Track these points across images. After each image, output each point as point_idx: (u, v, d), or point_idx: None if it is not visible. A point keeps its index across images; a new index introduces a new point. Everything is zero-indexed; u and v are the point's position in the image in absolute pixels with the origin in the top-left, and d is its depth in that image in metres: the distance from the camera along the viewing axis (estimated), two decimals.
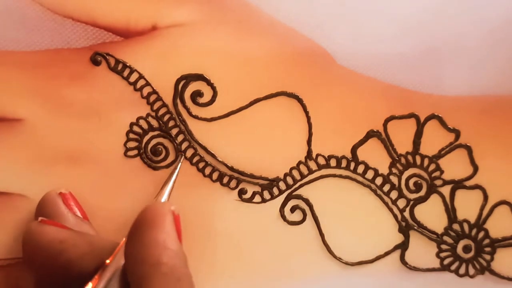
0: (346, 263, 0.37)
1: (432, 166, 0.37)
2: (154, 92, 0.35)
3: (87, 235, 0.30)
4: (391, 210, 0.37)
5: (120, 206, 0.35)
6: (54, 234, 0.29)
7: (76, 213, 0.32)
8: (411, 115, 0.37)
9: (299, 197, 0.37)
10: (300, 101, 0.36)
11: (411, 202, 0.37)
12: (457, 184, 0.37)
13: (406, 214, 0.37)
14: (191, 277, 0.27)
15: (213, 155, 0.35)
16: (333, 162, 0.37)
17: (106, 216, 0.35)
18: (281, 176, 0.36)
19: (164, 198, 0.32)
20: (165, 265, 0.26)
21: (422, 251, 0.38)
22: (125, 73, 0.34)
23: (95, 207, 0.34)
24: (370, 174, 0.37)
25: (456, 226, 0.38)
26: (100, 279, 0.27)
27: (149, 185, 0.35)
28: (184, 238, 0.35)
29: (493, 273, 0.38)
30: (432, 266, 0.38)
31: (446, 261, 0.38)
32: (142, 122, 0.35)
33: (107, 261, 0.28)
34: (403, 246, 0.38)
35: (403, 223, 0.37)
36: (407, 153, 0.37)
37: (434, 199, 0.37)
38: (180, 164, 0.35)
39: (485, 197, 0.37)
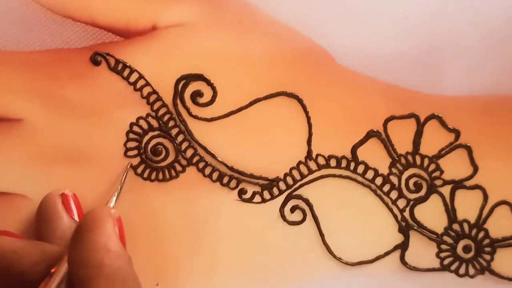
0: (346, 263, 0.37)
1: (432, 166, 0.37)
2: (154, 92, 0.35)
3: (40, 243, 0.30)
4: (391, 210, 0.37)
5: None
6: (7, 245, 0.30)
7: (73, 216, 0.33)
8: (411, 115, 0.37)
9: (299, 197, 0.37)
10: (300, 101, 0.36)
11: (411, 202, 0.37)
12: (457, 184, 0.37)
13: (406, 214, 0.37)
14: (136, 278, 0.28)
15: (213, 155, 0.35)
16: (333, 162, 0.37)
17: None
18: (281, 176, 0.36)
19: (112, 204, 0.32)
20: (108, 267, 0.27)
21: (422, 251, 0.38)
22: (125, 73, 0.34)
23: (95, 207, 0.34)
24: (370, 174, 0.37)
25: (456, 226, 0.38)
26: (45, 286, 0.28)
27: (148, 185, 0.35)
28: (184, 238, 0.36)
29: (493, 273, 0.38)
30: (432, 266, 0.38)
31: (446, 261, 0.38)
32: (142, 122, 0.35)
33: (52, 270, 0.28)
34: (403, 246, 0.38)
35: (403, 223, 0.37)
36: (407, 153, 0.37)
37: (434, 199, 0.37)
38: (127, 172, 0.35)
39: (485, 197, 0.37)
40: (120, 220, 0.29)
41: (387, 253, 0.38)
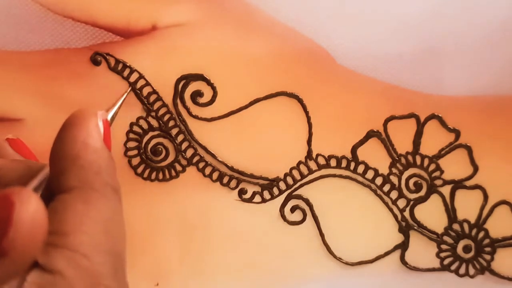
0: (346, 263, 0.37)
1: (432, 166, 0.37)
2: (154, 92, 0.35)
3: (26, 160, 0.30)
4: (391, 210, 0.37)
5: None
6: None
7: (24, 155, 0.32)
8: (411, 115, 0.37)
9: (299, 197, 0.37)
10: (300, 101, 0.36)
11: (411, 202, 0.37)
12: (457, 184, 0.37)
13: (406, 214, 0.37)
14: (114, 176, 0.27)
15: (213, 155, 0.35)
16: (333, 162, 0.37)
17: None
18: (281, 176, 0.36)
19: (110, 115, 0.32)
20: (82, 159, 0.26)
21: (422, 251, 0.38)
22: (125, 73, 0.34)
23: None
24: (370, 174, 0.37)
25: (456, 226, 0.38)
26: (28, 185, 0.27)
27: (148, 185, 0.35)
28: (184, 238, 0.36)
29: (493, 273, 0.38)
30: (432, 266, 0.38)
31: (446, 261, 0.38)
32: (142, 122, 0.35)
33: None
34: (403, 246, 0.38)
35: (403, 223, 0.37)
36: (407, 153, 0.37)
37: (434, 199, 0.37)
38: (127, 93, 0.33)
39: (485, 197, 0.37)
40: (107, 122, 0.29)
41: (387, 253, 0.37)
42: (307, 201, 0.37)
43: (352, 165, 0.37)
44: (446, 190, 0.37)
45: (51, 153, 0.27)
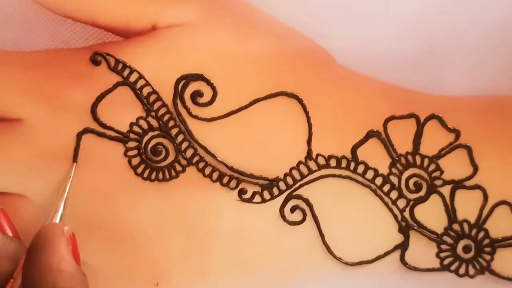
0: (346, 263, 0.37)
1: (432, 166, 0.37)
2: (154, 92, 0.35)
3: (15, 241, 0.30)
4: (391, 210, 0.37)
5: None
6: None
7: (5, 231, 0.32)
8: (411, 115, 0.37)
9: (299, 197, 0.37)
10: (300, 101, 0.36)
11: (411, 202, 0.37)
12: (457, 184, 0.37)
13: (406, 214, 0.37)
14: None
15: (213, 155, 0.35)
16: (333, 162, 0.37)
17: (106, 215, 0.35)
18: (281, 176, 0.36)
19: (58, 216, 0.32)
20: None
21: (422, 251, 0.38)
22: (125, 73, 0.34)
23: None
24: (370, 174, 0.37)
25: (456, 226, 0.38)
26: None
27: (148, 185, 0.35)
28: (184, 238, 0.36)
29: (493, 273, 0.38)
30: (432, 266, 0.38)
31: (446, 261, 0.38)
32: (142, 122, 0.35)
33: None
34: (403, 246, 0.38)
35: (403, 223, 0.37)
36: (407, 153, 0.37)
37: (434, 199, 0.37)
38: (71, 179, 0.34)
39: (485, 197, 0.37)
40: (73, 237, 0.29)
41: (387, 253, 0.38)
42: (307, 201, 0.37)
43: (352, 165, 0.37)
44: (446, 190, 0.37)
45: (26, 280, 0.28)
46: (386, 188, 0.37)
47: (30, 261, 0.28)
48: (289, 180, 0.37)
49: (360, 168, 0.37)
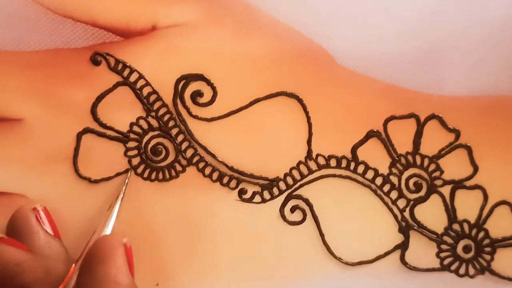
0: (346, 263, 0.37)
1: (432, 166, 0.37)
2: (154, 92, 0.35)
3: (45, 259, 0.30)
4: (391, 210, 0.37)
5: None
6: (12, 256, 0.29)
7: (47, 230, 0.32)
8: (411, 115, 0.37)
9: (299, 197, 0.37)
10: (300, 101, 0.36)
11: (411, 202, 0.37)
12: (457, 184, 0.37)
13: (406, 214, 0.37)
14: None
15: (213, 155, 0.35)
16: (333, 162, 0.37)
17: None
18: (281, 176, 0.36)
19: (110, 227, 0.32)
20: None
21: (422, 251, 0.38)
22: (125, 73, 0.34)
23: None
24: (370, 174, 0.37)
25: (456, 226, 0.38)
26: None
27: (148, 185, 0.35)
28: (184, 238, 0.36)
29: (493, 273, 0.38)
30: (432, 266, 0.38)
31: (446, 261, 0.38)
32: (142, 122, 0.35)
33: None
34: (403, 246, 0.38)
35: (403, 223, 0.37)
36: (407, 153, 0.37)
37: (434, 199, 0.37)
38: (126, 185, 0.34)
39: (485, 197, 0.37)
40: (130, 249, 0.29)
41: (387, 253, 0.37)
42: (307, 201, 0.37)
43: (352, 165, 0.37)
44: (446, 190, 0.37)
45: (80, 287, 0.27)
46: (386, 188, 0.37)
47: (86, 271, 0.28)
48: (289, 180, 0.37)
49: (360, 168, 0.37)
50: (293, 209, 0.37)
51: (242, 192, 0.36)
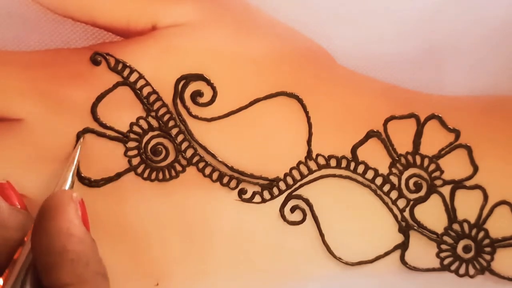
0: (346, 263, 0.37)
1: (432, 166, 0.37)
2: (154, 92, 0.35)
3: (5, 230, 0.30)
4: (391, 210, 0.37)
5: None
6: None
7: (14, 203, 0.32)
8: (411, 115, 0.37)
9: (299, 197, 0.37)
10: (300, 101, 0.36)
11: (411, 202, 0.37)
12: (457, 184, 0.37)
13: (406, 214, 0.37)
14: (100, 260, 0.28)
15: (213, 155, 0.35)
16: (333, 162, 0.37)
17: (106, 214, 0.35)
18: (281, 176, 0.36)
19: (67, 184, 0.32)
20: (71, 252, 0.27)
21: (422, 251, 0.38)
22: (125, 73, 0.34)
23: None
24: (370, 174, 0.37)
25: (456, 226, 0.38)
26: (9, 273, 0.28)
27: (148, 185, 0.35)
28: (184, 238, 0.36)
29: (493, 273, 0.38)
30: (432, 266, 0.38)
31: (446, 261, 0.38)
32: (142, 122, 0.35)
33: (15, 256, 0.28)
34: (403, 246, 0.38)
35: (403, 223, 0.37)
36: (407, 153, 0.37)
37: (434, 199, 0.37)
38: (79, 146, 0.34)
39: (485, 197, 0.37)
40: (82, 203, 0.29)
41: (387, 253, 0.38)
42: (307, 201, 0.37)
43: (352, 165, 0.37)
44: (446, 190, 0.37)
45: (35, 246, 0.28)
46: (386, 188, 0.37)
47: (39, 227, 0.28)
48: (289, 180, 0.37)
49: (360, 168, 0.37)
50: (293, 209, 0.37)
51: (242, 192, 0.36)
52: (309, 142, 0.36)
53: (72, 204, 0.29)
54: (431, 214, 0.38)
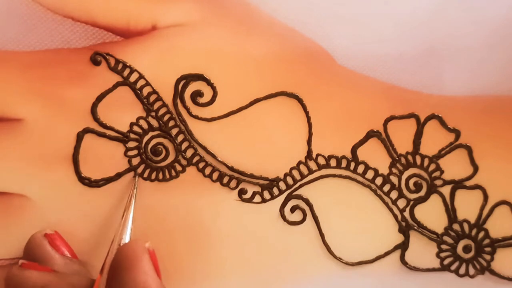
0: (346, 263, 0.37)
1: (432, 166, 0.37)
2: (154, 92, 0.35)
3: (69, 276, 0.31)
4: (391, 210, 0.37)
5: None
6: (36, 279, 0.30)
7: (64, 253, 0.33)
8: (411, 115, 0.37)
9: (299, 197, 0.37)
10: (300, 101, 0.36)
11: (411, 202, 0.37)
12: (457, 184, 0.37)
13: (406, 214, 0.37)
14: None
15: (213, 155, 0.35)
16: (333, 162, 0.37)
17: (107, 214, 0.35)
18: (281, 176, 0.36)
19: (128, 232, 0.32)
20: None
21: (422, 251, 0.38)
22: (125, 73, 0.34)
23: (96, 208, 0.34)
24: (370, 174, 0.37)
25: (456, 226, 0.38)
26: None
27: (148, 185, 0.35)
28: (184, 238, 0.36)
29: (493, 273, 0.38)
30: (432, 266, 0.38)
31: (446, 261, 0.38)
32: (142, 122, 0.35)
33: None
34: (403, 246, 0.38)
35: (403, 223, 0.37)
36: (407, 153, 0.37)
37: (434, 199, 0.38)
38: (135, 190, 0.34)
39: (485, 197, 0.37)
40: (154, 253, 0.30)
41: (387, 253, 0.38)
42: (307, 201, 0.37)
43: (352, 165, 0.37)
44: (446, 190, 0.37)
45: None
46: (386, 188, 0.37)
47: (115, 279, 0.28)
48: (289, 180, 0.37)
49: (360, 168, 0.37)
50: (293, 209, 0.37)
51: (242, 192, 0.36)
52: (309, 142, 0.37)
53: (146, 255, 0.29)
54: (431, 214, 0.38)
